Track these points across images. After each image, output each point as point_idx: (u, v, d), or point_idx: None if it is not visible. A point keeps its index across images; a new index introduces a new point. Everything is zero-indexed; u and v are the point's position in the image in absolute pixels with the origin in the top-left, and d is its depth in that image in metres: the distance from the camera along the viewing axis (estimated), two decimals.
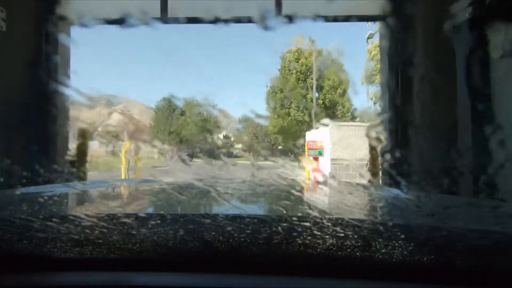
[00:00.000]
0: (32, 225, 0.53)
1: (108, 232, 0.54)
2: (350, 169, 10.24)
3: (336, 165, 10.06)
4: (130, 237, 0.53)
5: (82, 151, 3.60)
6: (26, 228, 0.53)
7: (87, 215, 0.56)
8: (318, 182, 2.32)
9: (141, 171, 9.49)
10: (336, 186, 1.26)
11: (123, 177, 8.39)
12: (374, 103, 7.15)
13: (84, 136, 3.89)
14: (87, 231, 0.53)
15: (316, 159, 9.67)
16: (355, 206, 0.92)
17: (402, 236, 0.50)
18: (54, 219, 0.55)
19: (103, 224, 0.54)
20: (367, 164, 7.22)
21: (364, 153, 10.24)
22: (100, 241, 0.53)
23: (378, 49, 10.34)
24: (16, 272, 0.53)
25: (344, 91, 20.76)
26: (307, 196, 1.18)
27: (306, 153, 9.43)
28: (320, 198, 1.21)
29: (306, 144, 9.43)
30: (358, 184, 1.36)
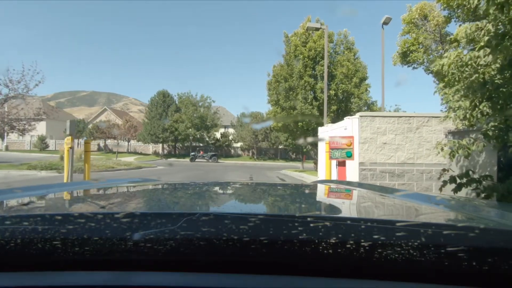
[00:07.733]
0: (31, 225, 0.54)
1: (108, 232, 0.54)
2: (386, 177, 7.47)
3: (367, 171, 7.32)
4: (130, 236, 0.53)
5: None
6: (26, 228, 0.54)
7: (86, 215, 0.57)
8: (331, 182, 2.13)
9: (91, 173, 6.84)
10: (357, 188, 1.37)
11: (65, 180, 6.16)
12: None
13: None
14: (87, 230, 0.54)
15: (342, 163, 6.83)
16: (363, 207, 0.94)
17: (403, 235, 0.51)
18: (53, 219, 0.55)
19: (103, 224, 0.55)
20: (441, 175, 4.45)
21: (406, 155, 7.48)
22: (100, 241, 0.54)
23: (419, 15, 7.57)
24: (16, 272, 0.54)
25: (361, 80, 17.74)
26: (308, 196, 1.20)
27: (327, 154, 6.61)
28: (323, 199, 1.20)
29: (327, 143, 6.58)
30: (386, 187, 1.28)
